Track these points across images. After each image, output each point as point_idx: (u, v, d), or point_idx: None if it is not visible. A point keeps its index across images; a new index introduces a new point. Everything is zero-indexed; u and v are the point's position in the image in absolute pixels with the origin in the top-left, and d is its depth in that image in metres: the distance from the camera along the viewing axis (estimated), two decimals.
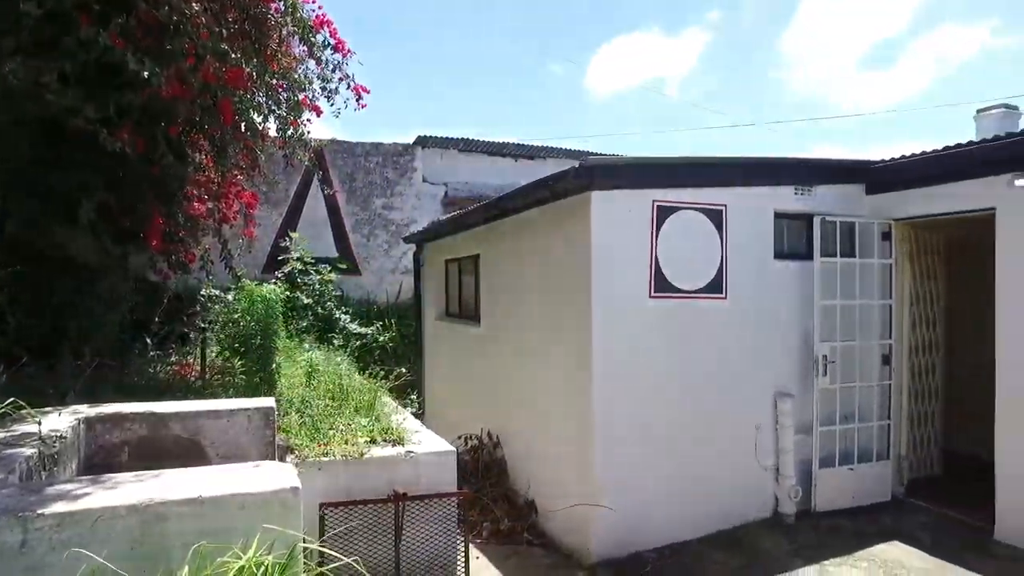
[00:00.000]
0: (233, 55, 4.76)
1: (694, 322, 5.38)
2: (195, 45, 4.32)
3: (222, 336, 5.97)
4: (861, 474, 6.04)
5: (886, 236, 6.14)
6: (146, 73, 3.83)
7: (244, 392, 5.00)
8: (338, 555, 2.25)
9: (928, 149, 5.79)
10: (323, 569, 2.17)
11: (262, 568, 1.82)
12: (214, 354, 6.10)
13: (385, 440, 4.31)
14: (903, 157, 5.92)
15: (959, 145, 5.50)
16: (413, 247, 10.28)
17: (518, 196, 5.86)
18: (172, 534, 1.96)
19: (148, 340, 6.26)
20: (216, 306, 6.68)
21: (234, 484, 2.15)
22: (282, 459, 3.74)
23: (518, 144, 13.31)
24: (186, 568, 1.79)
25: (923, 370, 6.70)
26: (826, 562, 4.95)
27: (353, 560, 2.18)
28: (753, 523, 5.71)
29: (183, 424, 3.08)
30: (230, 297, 6.36)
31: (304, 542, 2.16)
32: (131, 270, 6.02)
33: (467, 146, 12.86)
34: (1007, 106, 7.82)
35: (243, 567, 1.82)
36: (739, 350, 5.60)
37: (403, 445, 4.22)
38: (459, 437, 7.30)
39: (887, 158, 6.09)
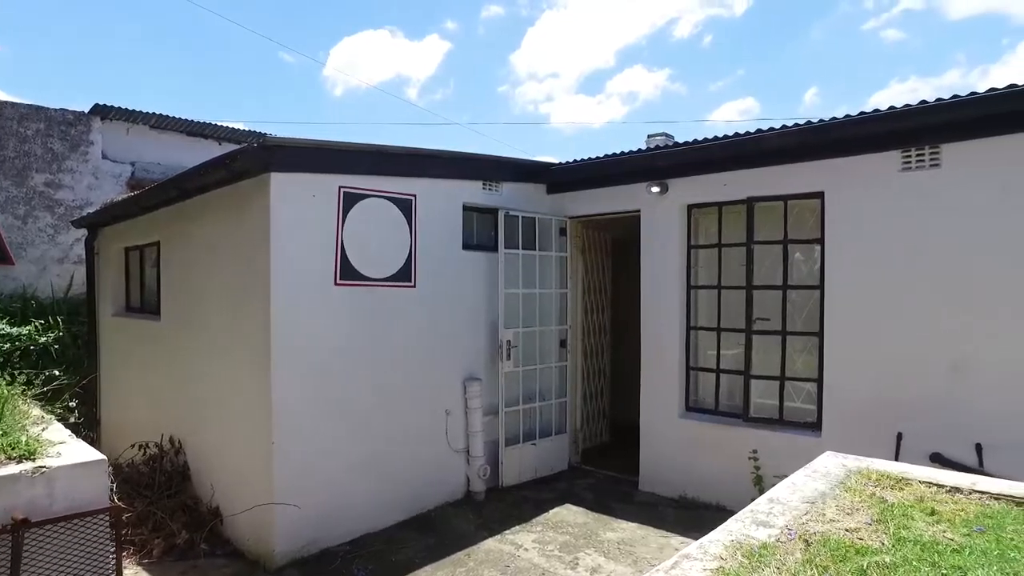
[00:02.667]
0: None
1: (383, 310, 5.37)
2: None
3: None
4: (543, 448, 6.65)
5: (563, 231, 6.84)
6: None
7: None
8: None
9: (592, 156, 6.56)
10: None
11: None
12: None
13: (11, 456, 3.54)
14: (572, 162, 6.66)
15: (614, 155, 6.34)
16: (86, 232, 8.75)
17: (196, 175, 5.28)
18: None
19: None
20: None
21: None
22: None
23: (224, 126, 12.13)
24: None
25: (594, 352, 7.64)
26: (507, 531, 5.32)
27: None
28: (447, 504, 5.93)
29: None
30: None
31: None
32: None
33: (161, 122, 11.30)
34: (666, 134, 9.29)
35: None
36: (429, 337, 5.74)
37: (34, 460, 3.51)
38: (133, 445, 6.41)
39: (562, 162, 6.79)
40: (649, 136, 9.69)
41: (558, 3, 55.74)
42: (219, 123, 12.10)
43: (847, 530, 2.29)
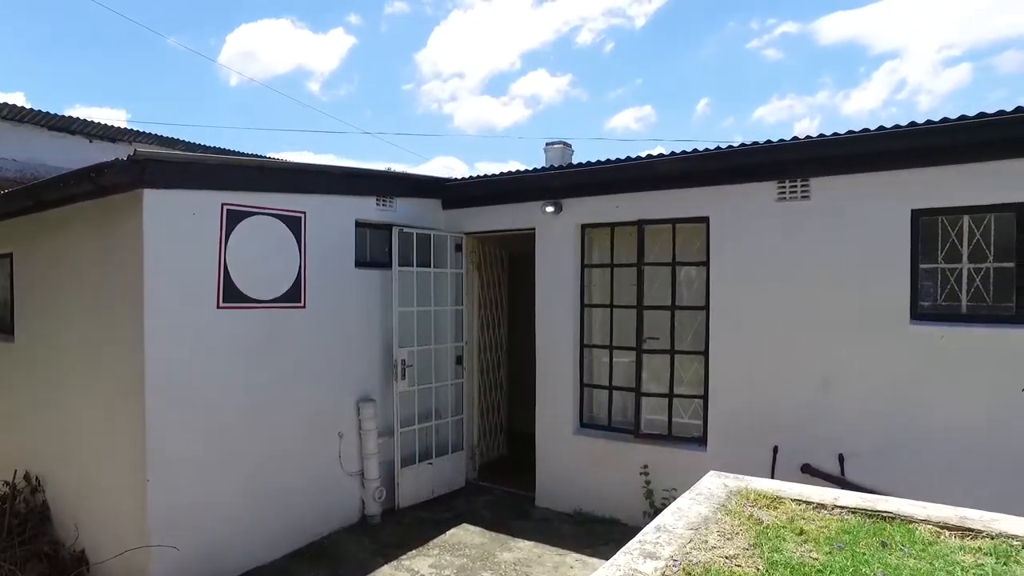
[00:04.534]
0: None
1: (271, 332, 5.11)
2: None
3: None
4: (440, 467, 6.56)
5: (459, 247, 6.80)
6: None
7: None
8: None
9: (490, 173, 6.59)
10: None
11: None
12: None
13: None
14: (469, 178, 6.65)
15: (509, 173, 6.39)
16: None
17: (56, 186, 4.78)
18: None
19: None
20: None
21: None
22: None
23: (95, 122, 11.14)
24: None
25: (491, 367, 7.64)
26: (403, 557, 5.20)
27: None
28: (341, 530, 5.74)
29: None
30: None
31: None
32: None
33: (16, 113, 10.14)
34: (564, 143, 9.39)
35: None
36: (320, 359, 5.52)
37: None
38: None
39: (458, 177, 6.77)
40: (548, 144, 9.80)
41: (464, 3, 56.11)
42: (89, 118, 11.10)
43: (726, 558, 2.40)
